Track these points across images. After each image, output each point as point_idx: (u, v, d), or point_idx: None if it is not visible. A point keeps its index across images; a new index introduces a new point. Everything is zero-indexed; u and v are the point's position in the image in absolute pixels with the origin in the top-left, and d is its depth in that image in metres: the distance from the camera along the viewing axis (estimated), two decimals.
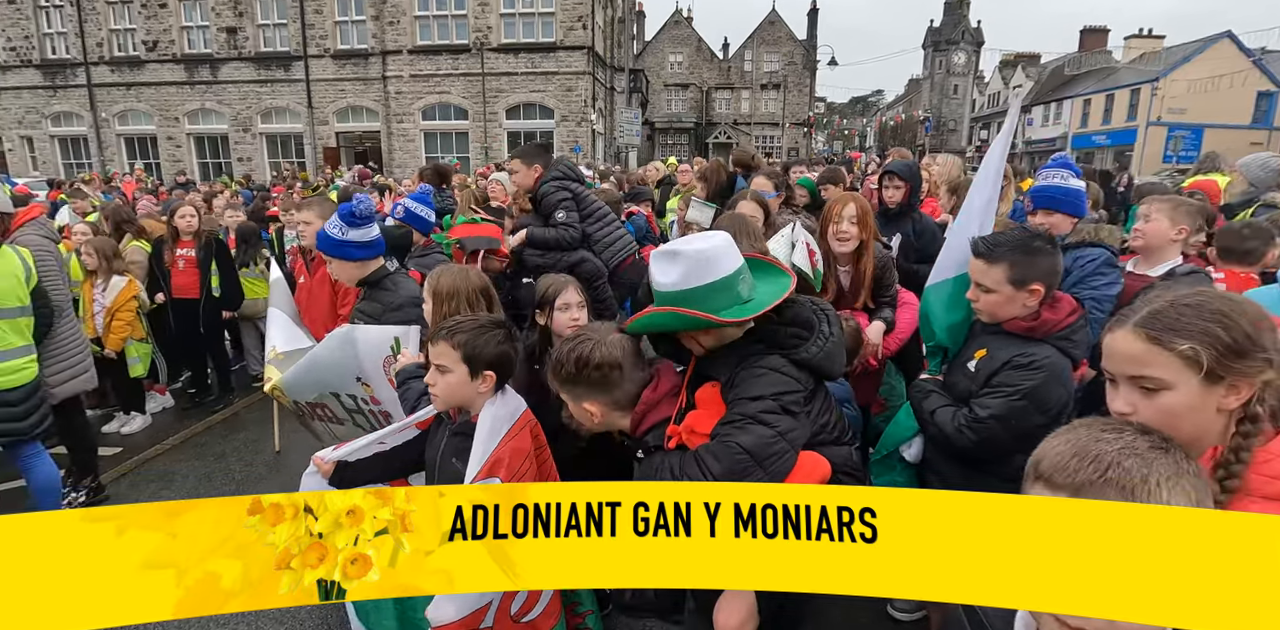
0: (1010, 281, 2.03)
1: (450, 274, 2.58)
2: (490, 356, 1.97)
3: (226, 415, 5.71)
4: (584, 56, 24.98)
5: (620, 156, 26.72)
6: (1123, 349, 1.22)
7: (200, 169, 26.75)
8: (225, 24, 25.73)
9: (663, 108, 43.61)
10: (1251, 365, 1.14)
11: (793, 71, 43.98)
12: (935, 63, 55.64)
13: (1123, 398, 1.21)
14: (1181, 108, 32.39)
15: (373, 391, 2.74)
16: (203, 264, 5.52)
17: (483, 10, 24.77)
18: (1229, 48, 33.46)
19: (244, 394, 6.10)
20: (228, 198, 10.50)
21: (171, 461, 4.83)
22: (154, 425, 5.44)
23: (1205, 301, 1.20)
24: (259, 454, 4.89)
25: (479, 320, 2.06)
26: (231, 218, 6.72)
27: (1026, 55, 50.23)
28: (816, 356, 1.77)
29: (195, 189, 13.65)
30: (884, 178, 3.97)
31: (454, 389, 1.99)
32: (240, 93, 26.35)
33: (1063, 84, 43.60)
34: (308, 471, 2.20)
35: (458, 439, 2.06)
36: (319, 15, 25.33)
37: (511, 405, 2.03)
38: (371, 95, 25.86)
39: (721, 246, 1.77)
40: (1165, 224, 2.79)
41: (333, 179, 13.09)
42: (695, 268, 1.72)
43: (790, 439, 1.67)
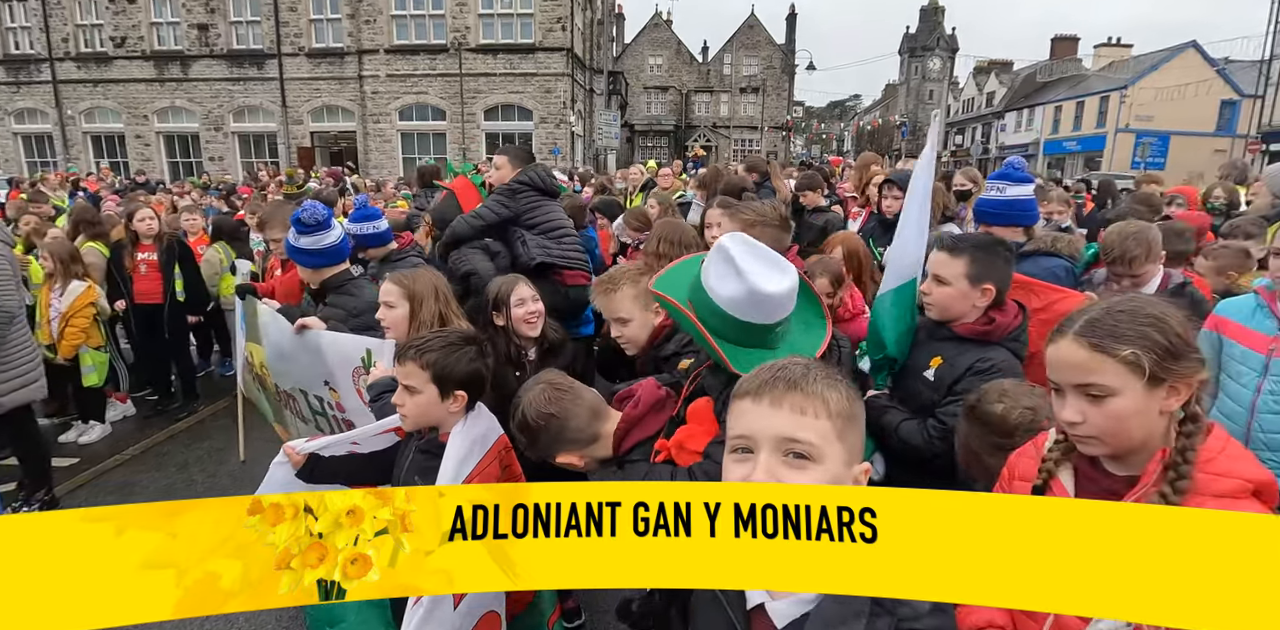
0: (967, 276, 2.08)
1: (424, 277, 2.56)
2: (461, 375, 1.90)
3: (191, 423, 5.55)
4: (563, 58, 24.90)
5: (599, 159, 26.65)
6: (1067, 358, 1.23)
7: (170, 168, 26.21)
8: (196, 20, 25.25)
9: (642, 110, 43.65)
10: (1188, 366, 1.18)
11: (771, 75, 44.30)
12: (911, 68, 56.40)
13: (1071, 407, 1.23)
14: (1149, 115, 33.14)
15: (339, 398, 2.68)
16: (165, 267, 5.35)
17: (461, 10, 24.59)
18: (1194, 57, 34.33)
19: (210, 401, 5.94)
20: (196, 198, 10.28)
21: (131, 472, 4.67)
22: (114, 434, 5.27)
23: (1138, 307, 1.23)
24: (223, 464, 4.75)
25: (449, 337, 1.98)
26: (188, 221, 6.54)
27: (1000, 62, 51.08)
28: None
29: (165, 189, 13.35)
30: (883, 187, 3.97)
31: (424, 410, 1.92)
32: (212, 91, 25.87)
33: (1035, 91, 44.42)
34: (276, 460, 2.17)
35: (423, 457, 1.99)
36: (293, 13, 24.96)
37: (482, 427, 1.96)
38: (347, 95, 25.53)
39: (787, 293, 1.62)
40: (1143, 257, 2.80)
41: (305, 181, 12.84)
42: (747, 302, 1.60)
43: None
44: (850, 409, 1.01)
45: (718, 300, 1.62)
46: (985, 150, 48.04)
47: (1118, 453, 1.24)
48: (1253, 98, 29.64)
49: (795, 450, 0.96)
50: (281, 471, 2.15)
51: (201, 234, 6.52)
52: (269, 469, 2.19)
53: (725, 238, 1.69)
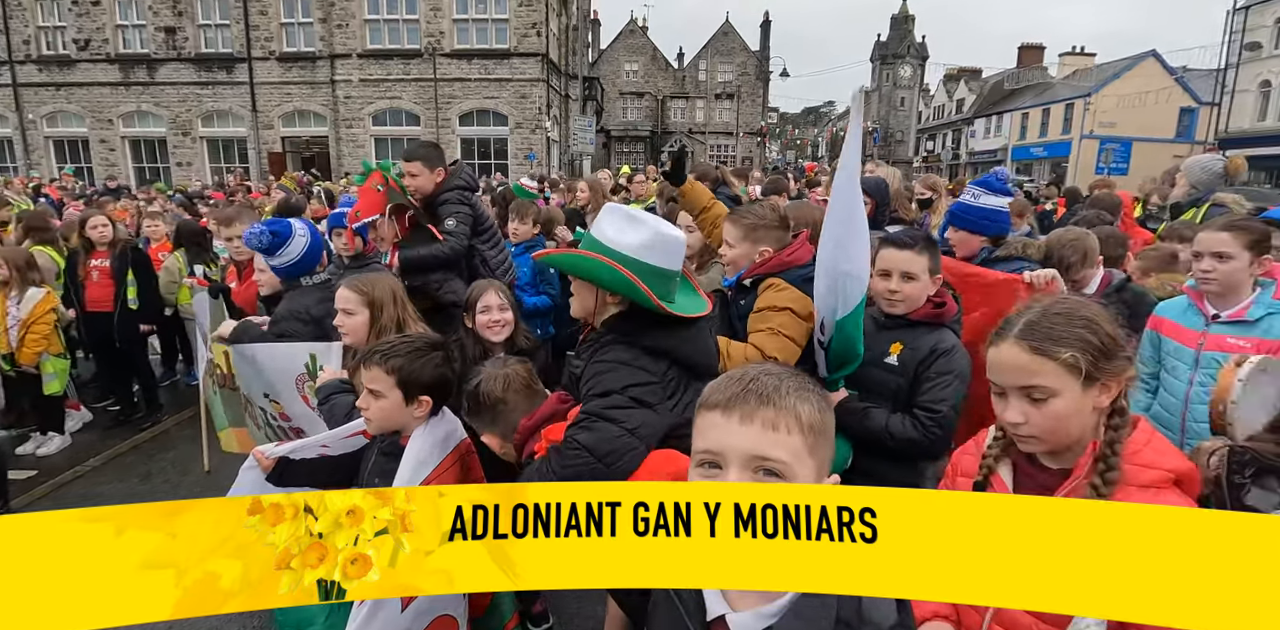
0: (929, 270, 2.24)
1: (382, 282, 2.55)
2: (426, 381, 1.91)
3: (154, 433, 5.43)
4: (538, 63, 24.90)
5: (574, 164, 26.66)
6: (1010, 361, 1.27)
7: (136, 173, 25.64)
8: (163, 23, 24.80)
9: (618, 116, 43.76)
10: (1119, 364, 1.25)
11: (746, 82, 44.72)
12: (883, 75, 57.28)
13: (1014, 408, 1.27)
14: (1112, 122, 34.04)
15: (282, 408, 2.67)
16: (117, 274, 5.21)
17: (435, 15, 24.48)
18: (1154, 66, 35.38)
19: (175, 410, 5.82)
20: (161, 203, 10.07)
21: (91, 484, 4.56)
22: (74, 446, 5.14)
23: (1072, 309, 1.28)
24: (187, 474, 4.65)
25: (415, 343, 1.99)
26: (150, 227, 6.41)
27: (969, 70, 52.15)
28: (673, 343, 1.72)
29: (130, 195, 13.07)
30: None
31: (389, 414, 1.92)
32: (179, 95, 25.40)
33: (1003, 98, 45.42)
34: (246, 465, 2.16)
35: (384, 459, 1.99)
36: (264, 16, 24.64)
37: (444, 431, 1.96)
38: (319, 99, 25.25)
39: (683, 241, 1.79)
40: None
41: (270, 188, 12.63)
42: (658, 244, 1.70)
43: (641, 434, 1.62)
44: (822, 421, 0.99)
45: (626, 249, 1.68)
46: (955, 156, 48.94)
47: (1055, 449, 1.29)
48: (1210, 105, 30.62)
49: (766, 467, 0.94)
50: (251, 476, 2.14)
51: (164, 241, 6.40)
52: (238, 474, 2.19)
53: (609, 204, 1.82)
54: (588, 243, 1.76)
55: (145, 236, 6.33)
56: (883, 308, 2.33)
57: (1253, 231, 2.39)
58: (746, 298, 2.48)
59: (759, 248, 2.48)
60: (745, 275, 2.50)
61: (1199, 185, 4.34)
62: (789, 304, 2.36)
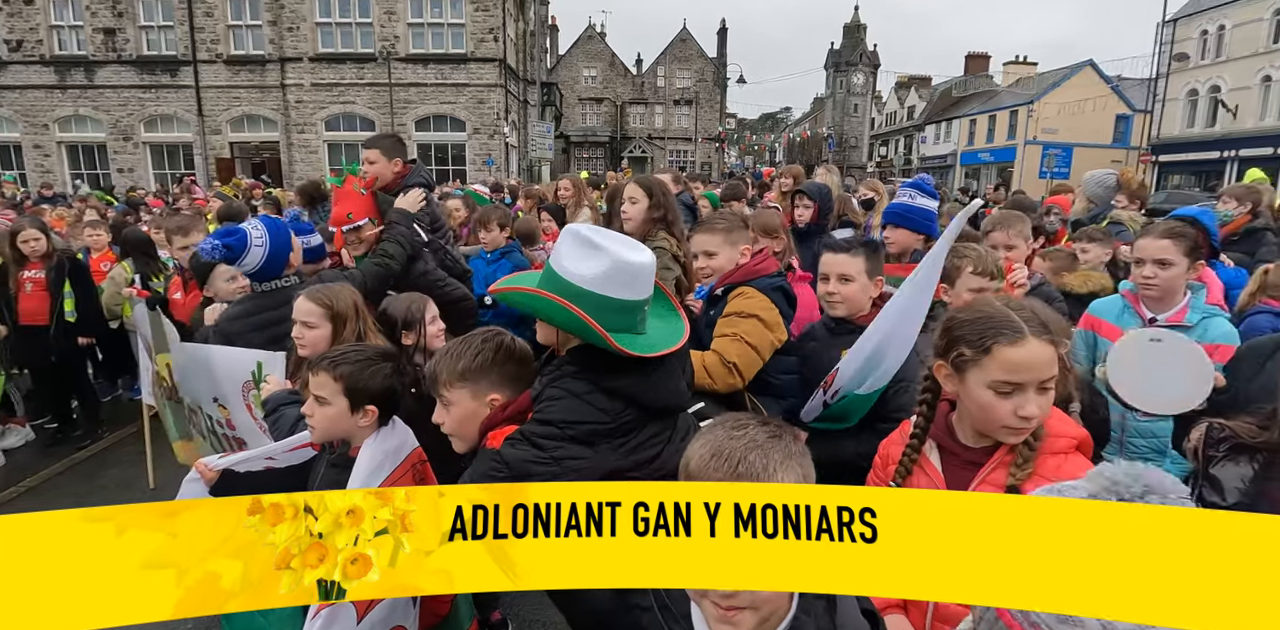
0: (866, 272, 2.30)
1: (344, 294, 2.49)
2: (374, 390, 1.89)
3: (95, 451, 5.22)
4: (496, 69, 24.74)
5: (533, 170, 26.54)
6: (1042, 357, 1.34)
7: (74, 180, 24.59)
8: (102, 24, 23.88)
9: (578, 121, 43.76)
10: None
11: (704, 88, 45.19)
12: (837, 83, 58.50)
13: (1034, 402, 1.34)
14: (1054, 128, 35.44)
15: (229, 415, 2.61)
16: (53, 286, 4.98)
17: (389, 19, 24.13)
18: (1091, 75, 36.99)
19: (118, 427, 5.59)
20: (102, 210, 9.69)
21: (26, 506, 4.35)
22: (8, 466, 4.91)
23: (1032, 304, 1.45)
24: (130, 491, 4.48)
25: (365, 352, 1.97)
26: (91, 236, 6.17)
27: (919, 77, 53.66)
28: (634, 386, 1.59)
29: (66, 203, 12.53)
30: (794, 197, 4.11)
31: (333, 422, 1.90)
32: (120, 98, 24.47)
33: (951, 105, 46.87)
34: (189, 477, 2.10)
35: (334, 471, 1.96)
36: (209, 18, 23.94)
37: (395, 441, 1.94)
38: (269, 104, 24.62)
39: (650, 266, 1.59)
40: (1022, 246, 3.05)
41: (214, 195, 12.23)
42: (617, 275, 1.53)
43: (569, 466, 1.53)
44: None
45: (581, 281, 1.53)
46: (908, 161, 50.27)
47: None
48: (1143, 113, 32.13)
49: None
50: (193, 489, 2.08)
51: (106, 250, 6.17)
52: (180, 486, 2.13)
53: (569, 226, 1.66)
54: (545, 275, 1.62)
55: (85, 246, 6.08)
56: (825, 310, 2.40)
57: (1190, 239, 2.49)
58: (717, 307, 2.51)
59: (739, 248, 2.55)
60: (718, 285, 2.54)
61: (1095, 200, 4.58)
62: (757, 311, 2.39)
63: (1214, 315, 2.49)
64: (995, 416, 1.36)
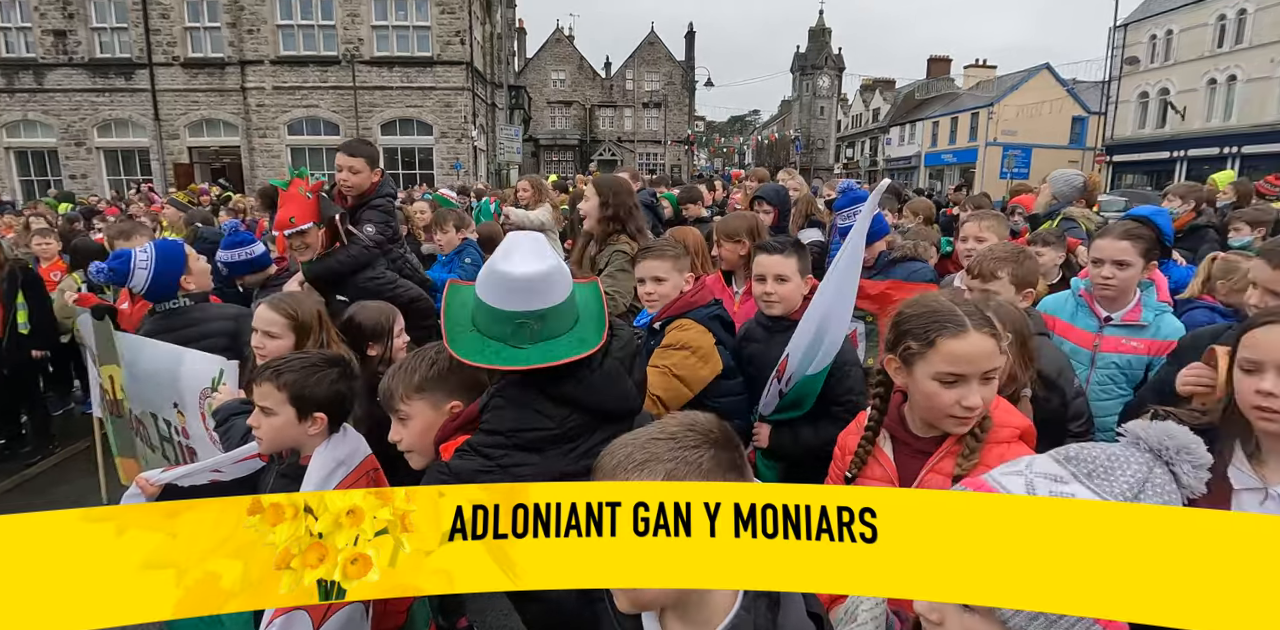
0: (799, 271, 2.39)
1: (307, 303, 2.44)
2: (321, 398, 1.85)
3: (45, 468, 5.04)
4: (463, 72, 24.55)
5: (501, 174, 26.38)
6: (982, 348, 1.38)
7: (23, 187, 23.81)
8: (51, 26, 23.15)
9: (547, 125, 43.64)
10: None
11: (673, 91, 45.40)
12: (803, 86, 59.25)
13: (977, 393, 1.38)
14: (1013, 130, 36.33)
15: (185, 422, 2.55)
16: (6, 297, 4.82)
17: (353, 21, 23.80)
18: (1048, 78, 38.04)
19: (69, 442, 5.40)
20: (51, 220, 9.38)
21: None
22: None
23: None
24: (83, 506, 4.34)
25: (310, 358, 1.93)
26: (40, 245, 5.98)
27: (883, 80, 54.58)
28: (575, 391, 1.57)
29: (14, 211, 12.10)
30: (754, 203, 4.15)
31: (279, 432, 1.85)
32: (72, 102, 23.73)
33: (915, 107, 47.78)
34: (129, 493, 2.04)
35: (284, 481, 1.91)
36: (165, 20, 23.35)
37: (347, 448, 1.90)
38: (229, 107, 24.09)
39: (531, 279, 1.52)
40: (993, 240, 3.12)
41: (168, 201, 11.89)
42: (492, 281, 1.55)
43: (515, 473, 1.52)
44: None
45: (477, 287, 1.59)
46: (874, 163, 51.09)
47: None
48: (1098, 115, 33.10)
49: None
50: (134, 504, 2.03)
51: (57, 259, 5.97)
52: (120, 502, 2.07)
53: (512, 233, 1.66)
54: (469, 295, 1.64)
55: (34, 255, 5.87)
56: (762, 310, 2.47)
57: (1146, 240, 2.53)
58: (656, 340, 2.46)
59: (684, 275, 2.54)
60: (655, 319, 2.51)
61: (1060, 197, 4.70)
62: (689, 343, 2.37)
63: (1165, 312, 2.56)
64: (940, 406, 1.40)
